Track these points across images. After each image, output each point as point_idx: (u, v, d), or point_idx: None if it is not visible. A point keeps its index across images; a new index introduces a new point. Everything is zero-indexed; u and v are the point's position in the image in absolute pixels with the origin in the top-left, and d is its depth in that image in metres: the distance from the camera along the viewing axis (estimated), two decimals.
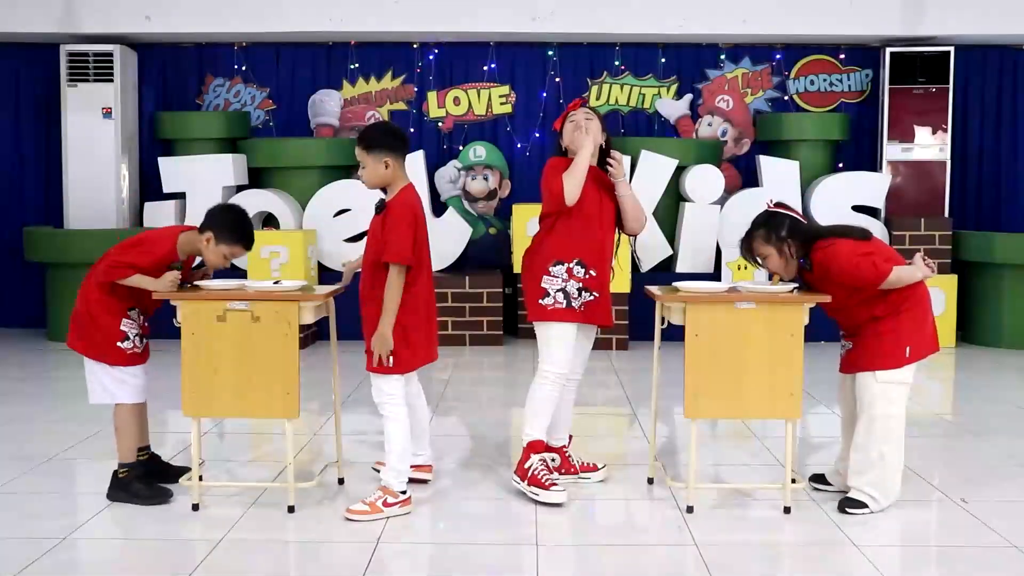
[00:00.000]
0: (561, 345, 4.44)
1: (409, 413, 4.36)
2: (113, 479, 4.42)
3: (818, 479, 4.60)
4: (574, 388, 4.69)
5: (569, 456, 4.71)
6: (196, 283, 4.37)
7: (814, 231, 4.27)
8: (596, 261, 4.43)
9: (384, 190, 4.29)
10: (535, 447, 4.46)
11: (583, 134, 4.35)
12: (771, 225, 4.26)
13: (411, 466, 4.42)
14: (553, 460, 4.66)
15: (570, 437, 4.76)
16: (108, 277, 4.27)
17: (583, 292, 4.42)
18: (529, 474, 4.42)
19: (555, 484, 4.39)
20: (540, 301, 4.42)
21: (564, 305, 4.40)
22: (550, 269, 4.41)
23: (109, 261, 4.27)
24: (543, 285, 4.42)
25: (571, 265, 4.40)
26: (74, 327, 4.41)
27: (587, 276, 4.41)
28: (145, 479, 4.42)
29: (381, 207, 4.23)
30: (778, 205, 4.34)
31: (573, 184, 4.28)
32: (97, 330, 4.34)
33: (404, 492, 4.23)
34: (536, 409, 4.47)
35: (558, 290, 4.40)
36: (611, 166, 4.39)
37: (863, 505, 4.24)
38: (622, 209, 4.50)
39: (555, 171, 4.37)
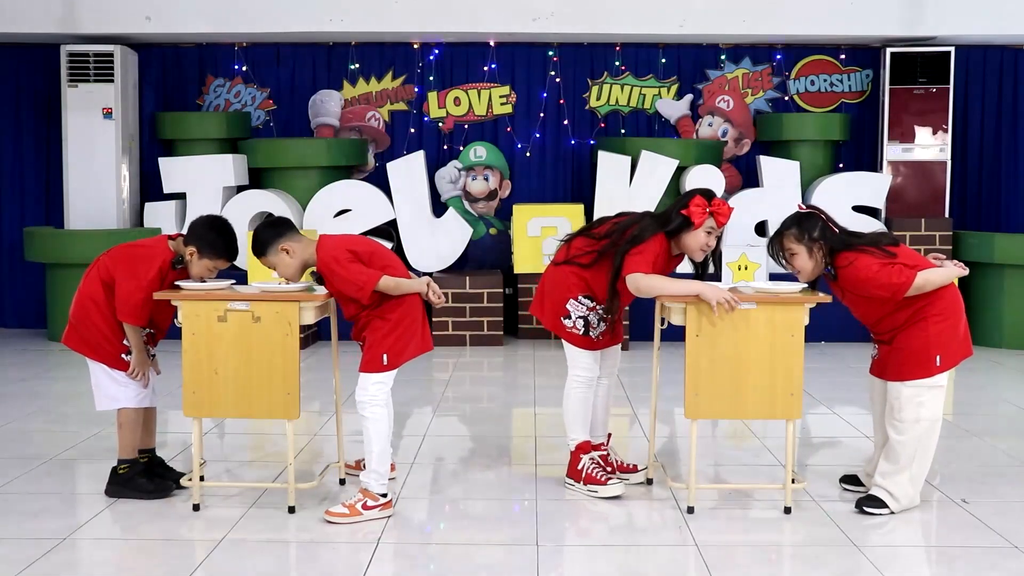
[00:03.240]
0: (583, 353, 4.57)
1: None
2: (112, 475, 4.43)
3: (849, 480, 4.58)
4: (606, 387, 4.71)
5: (607, 454, 4.71)
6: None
7: (842, 240, 4.23)
8: (624, 303, 4.56)
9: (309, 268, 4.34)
10: (583, 448, 4.58)
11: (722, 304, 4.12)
12: (803, 225, 4.25)
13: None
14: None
15: (608, 436, 4.76)
16: (127, 320, 4.30)
17: (601, 322, 4.54)
18: (584, 474, 4.53)
19: (611, 478, 4.52)
20: (562, 319, 4.53)
21: (582, 332, 4.52)
22: (580, 297, 4.50)
23: (124, 305, 4.26)
24: (567, 307, 4.52)
25: (597, 304, 4.51)
26: (75, 327, 4.40)
27: (608, 315, 4.55)
28: (147, 474, 4.43)
29: (319, 279, 4.30)
30: (810, 207, 4.33)
31: (643, 288, 4.24)
32: (104, 338, 4.36)
33: (384, 495, 4.22)
34: (574, 413, 4.60)
35: (579, 317, 4.52)
36: None
37: (883, 505, 4.23)
38: None
39: (647, 255, 4.27)
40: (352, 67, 9.49)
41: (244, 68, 9.50)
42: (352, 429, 5.13)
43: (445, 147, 9.55)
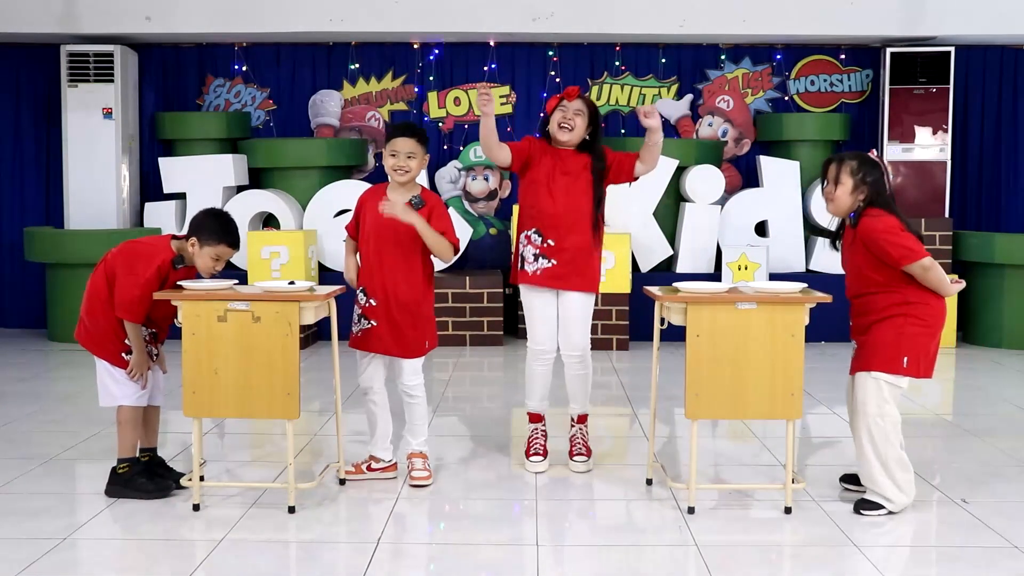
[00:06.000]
0: (530, 316, 4.80)
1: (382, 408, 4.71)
2: (112, 475, 4.43)
3: (850, 479, 4.58)
4: (565, 364, 4.82)
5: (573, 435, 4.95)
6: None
7: (885, 198, 4.26)
8: (553, 233, 4.68)
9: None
10: (529, 417, 4.94)
11: (486, 102, 4.56)
12: (864, 165, 4.27)
13: (383, 467, 4.70)
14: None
15: (580, 417, 4.90)
16: (122, 316, 4.32)
17: (539, 258, 4.70)
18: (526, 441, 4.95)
19: (536, 454, 4.84)
20: (516, 265, 4.83)
21: (520, 267, 4.77)
22: (520, 236, 4.79)
23: (121, 300, 4.29)
24: (519, 249, 4.81)
25: (529, 233, 4.74)
26: (83, 321, 4.44)
27: (544, 244, 4.69)
28: (147, 474, 4.44)
29: (420, 203, 4.46)
30: (879, 159, 4.36)
31: (483, 145, 4.67)
32: (105, 335, 4.38)
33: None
34: (525, 382, 4.94)
35: (520, 255, 4.77)
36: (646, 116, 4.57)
37: (878, 507, 4.23)
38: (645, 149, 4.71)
39: (524, 141, 4.85)
40: (352, 67, 9.49)
41: (244, 68, 9.50)
42: (352, 429, 5.14)
43: (445, 147, 9.56)
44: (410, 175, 4.47)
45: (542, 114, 4.72)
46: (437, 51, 9.48)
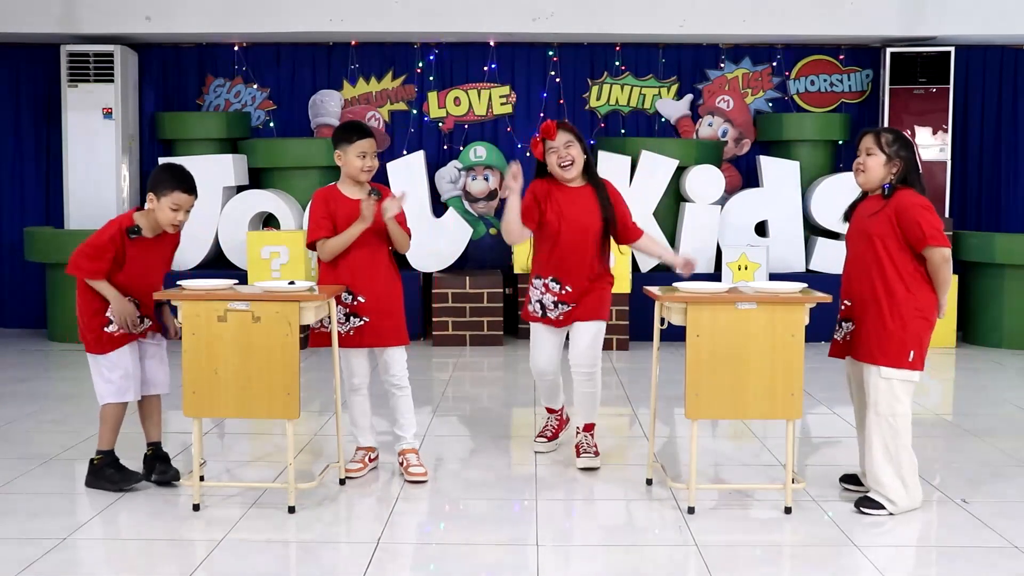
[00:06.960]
0: (536, 344, 4.93)
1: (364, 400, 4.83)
2: (89, 465, 4.55)
3: (849, 479, 4.57)
4: (577, 379, 4.89)
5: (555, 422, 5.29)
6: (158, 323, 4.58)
7: (915, 177, 4.25)
8: (571, 278, 4.78)
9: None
10: (546, 410, 5.28)
11: (511, 185, 4.68)
12: (899, 141, 4.27)
13: (370, 459, 4.82)
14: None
15: (562, 410, 5.27)
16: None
17: (559, 305, 4.80)
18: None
19: (543, 437, 5.18)
20: (527, 305, 4.94)
21: (540, 315, 4.85)
22: (533, 281, 4.87)
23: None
24: (529, 292, 4.92)
25: (547, 281, 4.82)
26: (77, 320, 4.52)
27: (562, 292, 4.79)
28: (116, 465, 4.51)
29: (378, 195, 4.58)
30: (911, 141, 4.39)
31: (505, 229, 4.75)
32: (84, 324, 4.46)
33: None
34: (537, 391, 5.36)
35: (537, 300, 4.86)
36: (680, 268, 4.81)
37: (879, 506, 4.23)
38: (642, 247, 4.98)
39: (529, 195, 4.80)
40: (352, 67, 9.49)
41: (244, 68, 9.50)
42: (352, 429, 5.13)
43: (445, 147, 9.56)
44: (372, 173, 4.66)
45: (528, 153, 4.93)
46: (437, 51, 9.48)
